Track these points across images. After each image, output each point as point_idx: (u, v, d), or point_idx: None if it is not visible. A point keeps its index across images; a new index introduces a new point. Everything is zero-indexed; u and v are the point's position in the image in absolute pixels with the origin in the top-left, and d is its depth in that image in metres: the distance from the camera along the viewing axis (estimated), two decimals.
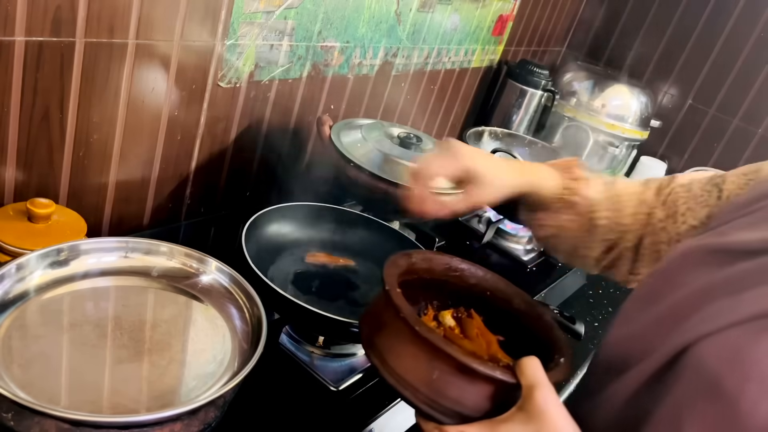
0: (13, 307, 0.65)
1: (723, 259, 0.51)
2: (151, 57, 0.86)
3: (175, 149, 0.99)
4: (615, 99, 1.82)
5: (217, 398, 0.60)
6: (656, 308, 0.54)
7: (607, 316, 1.33)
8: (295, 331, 0.92)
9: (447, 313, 0.68)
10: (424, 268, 0.68)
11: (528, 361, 0.53)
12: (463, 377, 0.53)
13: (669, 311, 0.52)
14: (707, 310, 0.48)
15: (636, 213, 0.77)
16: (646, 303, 0.56)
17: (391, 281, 0.59)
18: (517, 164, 0.80)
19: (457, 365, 0.52)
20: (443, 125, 1.77)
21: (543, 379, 0.51)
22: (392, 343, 0.57)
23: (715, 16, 1.89)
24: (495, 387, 0.53)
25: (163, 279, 0.76)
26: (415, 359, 0.54)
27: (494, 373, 0.52)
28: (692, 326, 0.48)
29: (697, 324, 0.47)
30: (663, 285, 0.56)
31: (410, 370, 0.55)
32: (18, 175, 0.81)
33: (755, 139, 1.88)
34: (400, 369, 0.55)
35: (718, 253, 0.52)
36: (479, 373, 0.52)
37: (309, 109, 1.21)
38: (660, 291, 0.55)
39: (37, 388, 0.57)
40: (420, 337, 0.53)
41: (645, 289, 0.59)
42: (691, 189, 0.73)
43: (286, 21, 1.03)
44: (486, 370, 0.52)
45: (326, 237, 1.07)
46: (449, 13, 1.44)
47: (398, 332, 0.56)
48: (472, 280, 0.69)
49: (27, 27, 0.71)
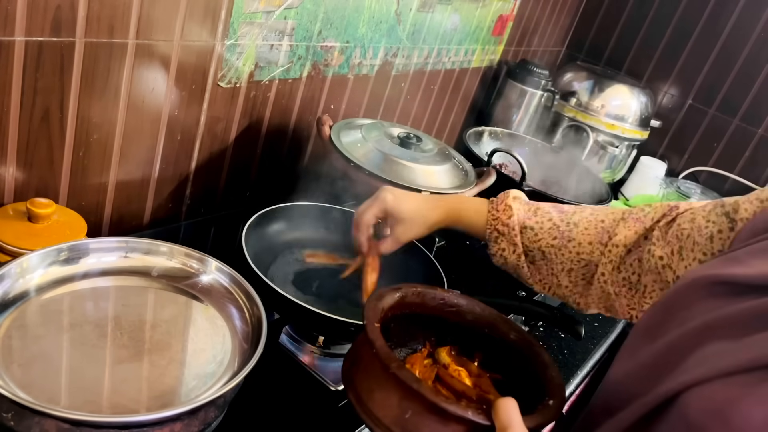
0: (13, 307, 0.65)
1: (730, 293, 0.48)
2: (151, 57, 0.86)
3: (175, 149, 0.99)
4: (615, 99, 1.82)
5: (217, 398, 0.60)
6: (655, 345, 0.52)
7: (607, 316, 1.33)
8: (295, 331, 0.92)
9: (443, 351, 0.66)
10: (416, 303, 0.66)
11: (503, 402, 0.51)
12: (435, 418, 0.51)
13: (666, 350, 0.50)
14: (703, 353, 0.46)
15: (598, 242, 0.78)
16: (647, 337, 0.54)
17: (371, 315, 0.57)
18: (440, 201, 0.88)
19: (429, 405, 0.51)
20: (443, 125, 1.77)
21: (517, 421, 0.49)
22: (367, 379, 0.55)
23: (715, 16, 1.89)
24: (468, 428, 0.51)
25: (163, 279, 0.76)
26: (387, 397, 0.53)
27: (466, 414, 0.50)
28: (685, 370, 0.46)
29: (690, 368, 0.46)
30: (664, 318, 0.53)
31: (383, 408, 0.53)
32: (18, 175, 0.81)
33: (755, 139, 1.88)
34: (373, 406, 0.54)
35: (726, 285, 0.49)
36: (451, 414, 0.50)
37: (309, 109, 1.21)
38: (661, 325, 0.53)
39: (37, 388, 0.57)
40: (391, 375, 0.52)
41: (647, 322, 0.57)
42: (695, 220, 0.69)
43: (286, 21, 1.03)
44: (458, 411, 0.50)
45: (326, 237, 1.07)
46: (449, 13, 1.44)
47: (372, 368, 0.55)
48: (469, 316, 0.67)
49: (27, 27, 0.71)
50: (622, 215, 0.79)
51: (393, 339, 0.57)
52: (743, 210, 0.63)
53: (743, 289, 0.48)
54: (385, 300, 0.62)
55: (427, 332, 0.68)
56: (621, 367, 0.56)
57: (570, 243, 0.80)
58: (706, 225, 0.67)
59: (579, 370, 1.11)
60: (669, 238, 0.71)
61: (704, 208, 0.70)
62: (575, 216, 0.82)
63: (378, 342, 0.54)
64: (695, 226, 0.68)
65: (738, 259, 0.52)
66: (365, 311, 0.58)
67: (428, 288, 0.67)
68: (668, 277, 0.70)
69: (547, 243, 0.81)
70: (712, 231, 0.66)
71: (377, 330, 0.56)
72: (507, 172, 1.42)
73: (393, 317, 0.61)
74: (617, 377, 0.56)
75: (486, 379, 0.64)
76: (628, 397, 0.50)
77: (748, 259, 0.51)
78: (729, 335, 0.45)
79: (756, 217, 0.59)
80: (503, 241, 0.84)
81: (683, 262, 0.68)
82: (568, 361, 1.12)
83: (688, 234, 0.68)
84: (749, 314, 0.45)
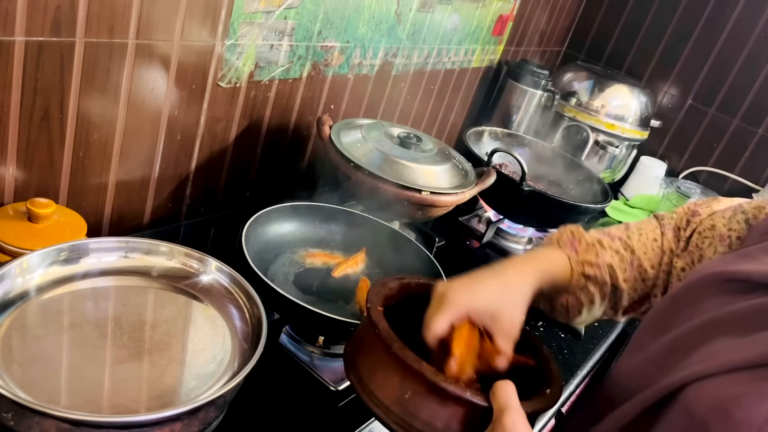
0: (13, 307, 0.65)
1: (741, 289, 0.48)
2: (151, 57, 0.86)
3: (175, 149, 0.99)
4: (615, 99, 1.82)
5: (217, 398, 0.60)
6: (662, 339, 0.52)
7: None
8: (295, 331, 0.92)
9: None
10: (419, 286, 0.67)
11: (501, 385, 0.51)
12: (435, 398, 0.52)
13: (672, 344, 0.50)
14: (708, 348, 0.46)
15: (658, 264, 0.72)
16: (655, 331, 0.54)
17: (375, 299, 0.59)
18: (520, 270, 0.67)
19: (429, 385, 0.51)
20: (443, 125, 1.77)
21: (514, 403, 0.50)
22: (368, 360, 0.57)
23: (715, 16, 1.89)
24: (467, 409, 0.52)
25: (163, 279, 0.76)
26: (388, 377, 0.54)
27: (465, 394, 0.51)
28: (690, 364, 0.46)
29: (695, 362, 0.46)
30: (674, 313, 0.53)
31: (383, 388, 0.54)
32: (18, 174, 0.81)
33: (755, 139, 1.88)
34: (373, 386, 0.55)
35: (736, 282, 0.50)
36: (450, 393, 0.51)
37: (309, 109, 1.21)
38: (670, 319, 0.53)
39: (37, 388, 0.57)
40: (392, 355, 0.53)
41: (655, 316, 0.57)
42: (715, 227, 0.67)
43: (286, 21, 1.03)
44: (457, 391, 0.51)
45: (326, 237, 1.07)
46: (449, 13, 1.44)
47: (374, 350, 0.56)
48: None
49: (27, 27, 0.71)
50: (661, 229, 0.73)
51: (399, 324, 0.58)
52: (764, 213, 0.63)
53: (755, 286, 0.48)
54: (388, 286, 0.64)
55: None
56: (628, 361, 0.56)
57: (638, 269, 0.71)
58: (728, 233, 0.65)
59: (579, 370, 1.11)
60: (690, 248, 0.69)
61: (724, 214, 0.67)
62: (631, 241, 0.72)
63: (381, 324, 0.55)
64: (716, 234, 0.67)
65: (751, 255, 0.52)
66: (369, 296, 0.59)
67: (430, 279, 0.69)
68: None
69: (621, 278, 0.71)
70: (732, 237, 0.65)
71: (380, 313, 0.57)
72: (507, 172, 1.42)
73: (396, 305, 0.62)
74: (624, 370, 0.56)
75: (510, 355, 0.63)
76: (632, 390, 0.51)
77: (762, 255, 0.51)
78: (734, 331, 0.45)
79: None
80: (593, 285, 0.70)
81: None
82: (568, 361, 1.12)
83: (710, 243, 0.67)
84: (756, 311, 0.46)
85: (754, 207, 0.65)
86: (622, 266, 0.70)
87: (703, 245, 0.68)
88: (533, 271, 0.66)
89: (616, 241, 0.72)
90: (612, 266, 0.70)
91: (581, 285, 0.70)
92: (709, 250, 0.67)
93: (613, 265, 0.70)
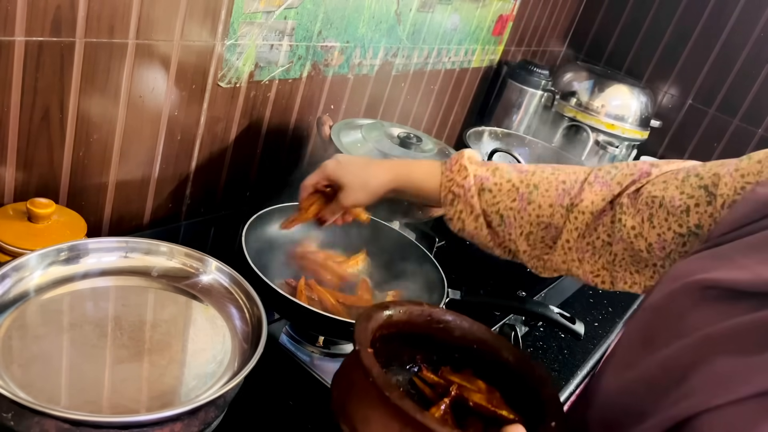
0: (13, 307, 0.65)
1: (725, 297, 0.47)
2: (151, 57, 0.86)
3: (175, 149, 0.99)
4: (615, 99, 1.82)
5: (217, 398, 0.60)
6: (654, 357, 0.50)
7: (607, 316, 1.33)
8: (295, 331, 0.92)
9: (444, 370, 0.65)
10: (404, 321, 0.64)
11: (511, 430, 0.50)
12: None
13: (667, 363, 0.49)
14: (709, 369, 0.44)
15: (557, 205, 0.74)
16: (643, 347, 0.52)
17: (363, 339, 0.54)
18: (386, 164, 0.85)
19: None
20: (443, 125, 1.77)
21: None
22: (362, 407, 0.52)
23: (715, 16, 1.89)
24: None
25: (163, 279, 0.76)
26: (387, 428, 0.50)
27: None
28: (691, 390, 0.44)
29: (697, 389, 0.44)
30: (661, 326, 0.52)
31: None
32: (18, 175, 0.81)
33: (755, 139, 1.88)
34: None
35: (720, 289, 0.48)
36: None
37: (309, 109, 1.21)
38: (656, 333, 0.52)
39: (37, 388, 0.57)
40: (390, 405, 0.49)
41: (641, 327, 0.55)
42: (667, 189, 0.66)
43: (286, 21, 1.03)
44: None
45: (326, 237, 1.07)
46: (449, 13, 1.44)
47: (368, 396, 0.52)
48: (456, 332, 0.66)
49: (27, 27, 0.71)
50: (585, 177, 0.75)
51: (379, 359, 0.55)
52: (723, 185, 0.60)
53: (739, 294, 0.46)
54: (374, 320, 0.60)
55: (413, 350, 0.67)
56: (617, 379, 0.54)
57: (530, 206, 0.76)
58: (680, 196, 0.64)
59: (579, 370, 1.11)
60: (639, 206, 0.68)
61: (676, 175, 0.66)
62: (535, 177, 0.77)
63: (374, 370, 0.51)
64: (667, 195, 0.65)
65: (728, 257, 0.50)
66: (355, 334, 0.55)
67: (414, 304, 0.65)
68: (640, 246, 0.68)
69: (506, 206, 0.77)
70: (689, 204, 0.63)
71: (371, 356, 0.53)
72: None
73: (381, 337, 0.59)
74: (615, 389, 0.54)
75: (497, 396, 0.62)
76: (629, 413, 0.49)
77: (738, 257, 0.49)
78: (734, 350, 0.44)
79: (738, 204, 0.57)
80: (459, 204, 0.79)
81: (655, 230, 0.66)
82: (568, 361, 1.12)
83: (660, 202, 0.66)
84: (753, 327, 0.44)
85: (712, 174, 0.63)
86: (509, 195, 0.77)
87: (653, 204, 0.66)
88: (395, 169, 0.83)
89: (516, 174, 0.78)
90: (490, 191, 0.78)
91: (449, 199, 0.80)
92: (660, 210, 0.65)
93: (492, 190, 0.78)
